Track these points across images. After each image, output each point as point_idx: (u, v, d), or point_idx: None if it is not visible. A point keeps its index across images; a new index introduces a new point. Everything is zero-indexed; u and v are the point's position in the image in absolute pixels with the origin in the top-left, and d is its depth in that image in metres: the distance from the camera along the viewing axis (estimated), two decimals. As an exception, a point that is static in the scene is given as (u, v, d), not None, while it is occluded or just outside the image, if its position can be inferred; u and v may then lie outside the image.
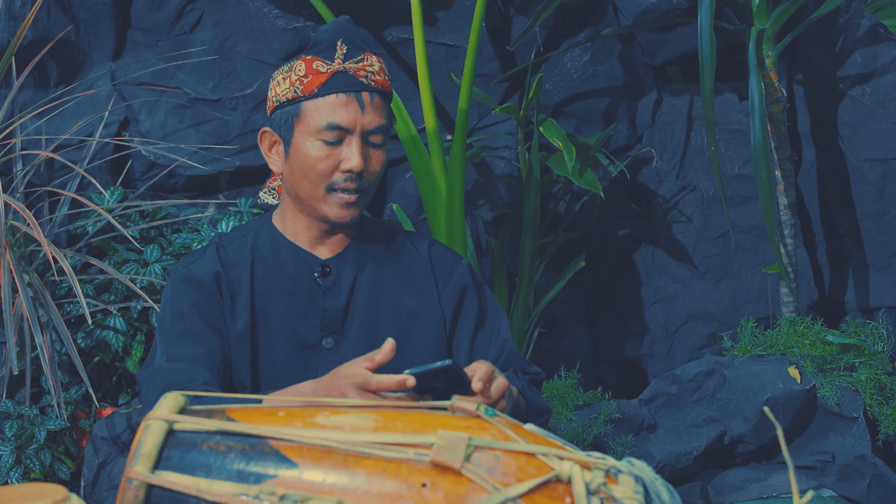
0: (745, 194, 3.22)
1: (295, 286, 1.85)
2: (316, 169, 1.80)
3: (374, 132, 1.82)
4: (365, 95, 1.81)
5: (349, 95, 1.80)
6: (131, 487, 1.23)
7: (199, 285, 1.82)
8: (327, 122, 1.79)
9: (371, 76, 1.82)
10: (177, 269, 1.87)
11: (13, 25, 3.01)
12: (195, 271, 1.84)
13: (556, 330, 3.34)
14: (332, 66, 1.81)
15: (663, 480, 1.27)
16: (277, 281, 1.85)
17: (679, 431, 2.84)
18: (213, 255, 1.86)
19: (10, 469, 2.68)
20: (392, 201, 3.23)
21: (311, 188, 1.82)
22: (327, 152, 1.80)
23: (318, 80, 1.80)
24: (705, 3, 2.67)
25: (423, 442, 1.23)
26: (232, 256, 1.86)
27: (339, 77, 1.81)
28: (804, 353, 2.81)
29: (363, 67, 1.82)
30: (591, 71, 3.24)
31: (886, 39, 3.01)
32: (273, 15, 3.16)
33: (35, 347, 2.65)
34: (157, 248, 2.89)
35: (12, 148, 2.87)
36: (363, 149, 1.81)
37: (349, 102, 1.80)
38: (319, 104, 1.80)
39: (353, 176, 1.80)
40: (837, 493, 2.74)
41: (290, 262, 1.86)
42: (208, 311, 1.80)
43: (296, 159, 1.82)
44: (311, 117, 1.81)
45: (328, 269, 1.86)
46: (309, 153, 1.80)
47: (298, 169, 1.82)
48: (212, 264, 1.84)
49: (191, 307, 1.80)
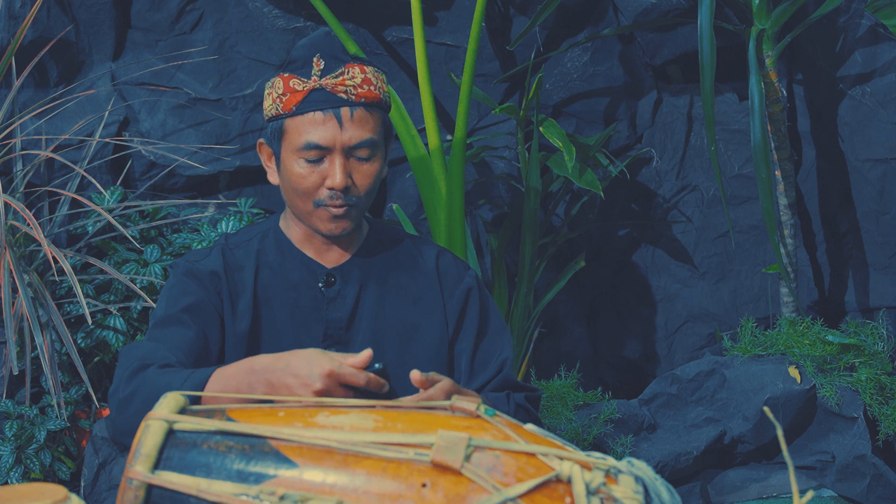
0: (745, 194, 3.22)
1: (299, 294, 1.83)
2: (301, 186, 1.77)
3: (357, 147, 1.77)
4: (344, 111, 1.75)
5: (326, 113, 1.75)
6: (131, 487, 1.23)
7: (199, 281, 1.81)
8: (305, 141, 1.75)
9: (352, 90, 1.76)
10: (180, 263, 1.86)
11: (13, 25, 3.01)
12: (198, 268, 1.83)
13: (556, 330, 3.35)
14: (308, 84, 1.76)
15: (663, 480, 1.27)
16: (282, 288, 1.84)
17: (679, 431, 2.84)
18: (217, 256, 1.85)
19: (10, 469, 2.69)
20: (392, 201, 3.23)
21: (301, 203, 1.79)
22: (310, 170, 1.76)
23: (294, 99, 1.76)
24: (705, 3, 2.67)
25: (423, 442, 1.23)
26: (237, 259, 1.85)
27: (316, 95, 1.76)
28: (804, 353, 2.81)
29: (342, 82, 1.76)
30: (591, 71, 3.24)
31: (886, 39, 3.01)
32: (273, 15, 3.17)
33: (35, 347, 2.65)
34: (157, 248, 2.89)
35: (12, 148, 2.87)
36: (346, 165, 1.76)
37: (327, 120, 1.75)
38: (298, 123, 1.76)
39: (338, 193, 1.76)
40: (837, 493, 2.74)
41: (296, 269, 1.84)
42: (202, 306, 1.79)
43: (284, 175, 1.81)
44: (292, 136, 1.77)
45: (333, 279, 1.84)
46: (293, 171, 1.78)
47: (287, 184, 1.80)
48: (215, 264, 1.83)
49: (185, 297, 1.79)
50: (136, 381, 1.61)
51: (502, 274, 3.11)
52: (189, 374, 1.58)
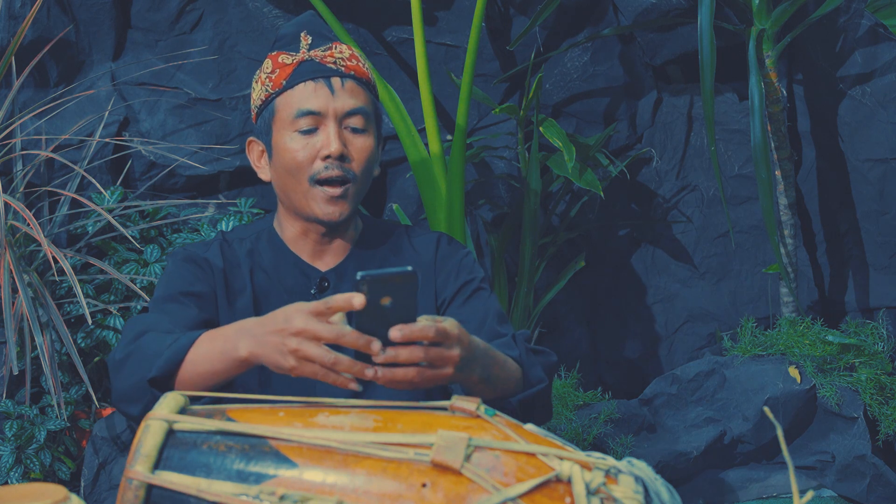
0: (745, 194, 3.22)
1: (292, 298, 1.77)
2: (296, 161, 1.75)
3: (350, 115, 1.76)
4: (335, 80, 1.76)
5: (317, 82, 1.75)
6: (131, 487, 1.23)
7: (200, 268, 1.79)
8: (297, 109, 1.75)
9: (341, 62, 1.77)
10: (179, 251, 1.84)
11: (13, 25, 3.01)
12: (199, 256, 1.81)
13: (556, 330, 3.35)
14: (297, 57, 1.77)
15: (663, 480, 1.27)
16: (277, 292, 1.81)
17: (679, 431, 2.84)
18: (217, 250, 1.83)
19: (10, 469, 2.69)
20: (392, 201, 3.23)
21: (295, 183, 1.77)
22: (304, 142, 1.75)
23: (284, 73, 1.76)
24: (705, 3, 2.67)
25: (423, 442, 1.23)
26: (235, 255, 1.83)
27: (306, 66, 1.76)
28: (804, 353, 2.81)
29: (331, 55, 1.77)
30: (591, 71, 3.24)
31: (886, 39, 3.01)
32: (273, 15, 3.17)
33: (35, 347, 2.65)
34: (157, 248, 2.89)
35: (12, 148, 2.87)
36: (340, 133, 1.75)
37: (318, 88, 1.75)
38: (289, 96, 1.76)
39: (334, 163, 1.74)
40: (837, 493, 2.74)
41: (290, 273, 1.82)
42: (203, 292, 1.77)
43: (277, 158, 1.78)
44: (284, 111, 1.76)
45: (326, 283, 1.82)
46: (287, 146, 1.76)
47: (280, 167, 1.78)
48: (215, 257, 1.82)
49: (186, 281, 1.77)
50: (133, 346, 1.59)
51: (502, 274, 3.11)
52: (177, 337, 1.55)
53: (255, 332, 1.44)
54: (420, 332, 1.35)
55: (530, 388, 1.66)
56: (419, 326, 1.35)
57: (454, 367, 1.42)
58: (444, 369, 1.41)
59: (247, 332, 1.46)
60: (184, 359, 1.52)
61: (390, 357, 1.35)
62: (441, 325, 1.39)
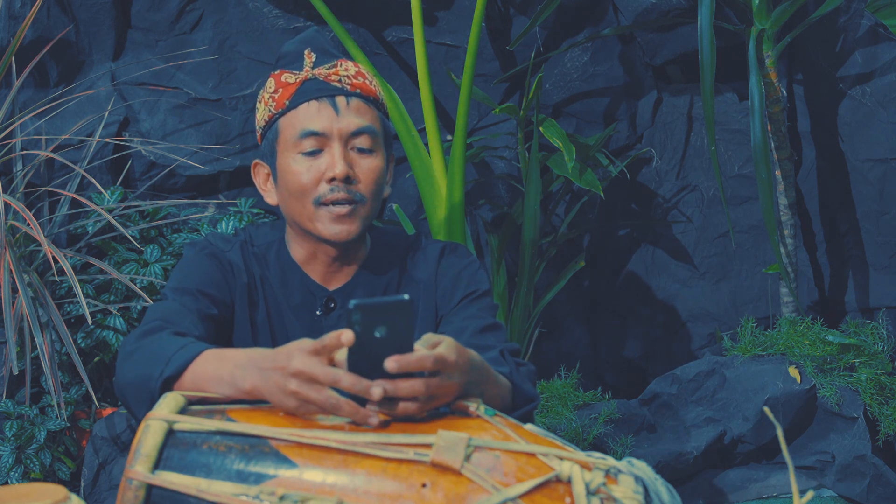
0: (745, 194, 3.22)
1: (298, 316, 1.77)
2: (300, 184, 1.69)
3: (356, 134, 1.70)
4: (340, 99, 1.69)
5: (321, 101, 1.69)
6: (131, 487, 1.23)
7: (222, 271, 1.75)
8: (301, 130, 1.68)
9: (346, 79, 1.70)
10: (201, 243, 1.78)
11: (13, 25, 3.01)
12: (224, 255, 1.76)
13: (556, 330, 3.35)
14: (301, 75, 1.70)
15: (663, 480, 1.27)
16: (285, 309, 1.78)
17: (679, 431, 2.84)
18: (239, 254, 1.78)
19: (10, 469, 2.68)
20: (392, 201, 3.24)
21: (301, 206, 1.71)
22: (308, 164, 1.69)
23: (287, 93, 1.70)
24: (705, 3, 2.67)
25: (423, 442, 1.23)
26: (255, 264, 1.79)
27: (309, 84, 1.70)
28: (804, 353, 2.81)
29: (335, 72, 1.71)
30: (591, 71, 3.24)
31: (886, 39, 3.01)
32: (273, 15, 3.17)
33: (35, 347, 2.65)
34: (157, 248, 2.89)
35: (12, 148, 2.87)
36: (346, 154, 1.69)
37: (322, 108, 1.69)
38: (293, 117, 1.70)
39: (340, 185, 1.68)
40: (837, 493, 2.74)
41: (297, 291, 1.78)
42: (221, 298, 1.73)
43: (282, 182, 1.73)
44: (287, 132, 1.70)
45: (332, 303, 1.77)
46: (291, 169, 1.69)
47: (286, 190, 1.72)
48: (238, 261, 1.77)
49: (208, 274, 1.72)
50: (144, 340, 1.55)
51: (502, 274, 3.11)
52: (185, 344, 1.50)
53: (261, 366, 1.38)
54: (417, 362, 1.31)
55: (524, 405, 1.62)
56: (416, 357, 1.31)
57: (454, 396, 1.38)
58: (444, 399, 1.37)
59: (254, 365, 1.39)
60: (187, 368, 1.49)
61: (390, 392, 1.31)
62: (438, 353, 1.34)
